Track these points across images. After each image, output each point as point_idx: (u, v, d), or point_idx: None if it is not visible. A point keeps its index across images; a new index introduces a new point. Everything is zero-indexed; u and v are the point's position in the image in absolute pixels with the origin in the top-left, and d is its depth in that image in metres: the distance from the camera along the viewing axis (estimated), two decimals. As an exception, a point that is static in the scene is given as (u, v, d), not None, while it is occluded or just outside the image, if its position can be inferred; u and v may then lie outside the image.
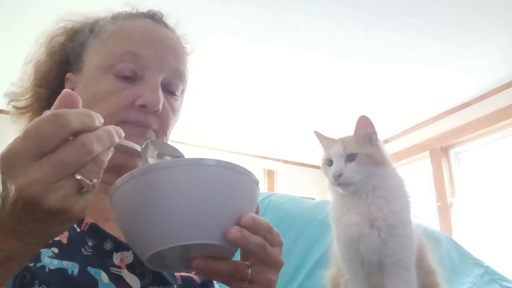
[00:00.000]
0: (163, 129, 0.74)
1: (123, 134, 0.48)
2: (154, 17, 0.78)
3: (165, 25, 0.78)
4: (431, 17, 2.09)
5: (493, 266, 1.27)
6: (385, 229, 0.69)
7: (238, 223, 0.50)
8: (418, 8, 2.03)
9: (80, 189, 0.41)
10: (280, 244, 0.56)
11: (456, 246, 1.32)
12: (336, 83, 2.70)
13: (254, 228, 0.50)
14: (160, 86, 0.71)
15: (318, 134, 0.81)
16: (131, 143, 0.57)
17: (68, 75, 0.77)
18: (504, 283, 1.20)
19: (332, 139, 0.78)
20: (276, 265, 0.55)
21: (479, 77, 2.60)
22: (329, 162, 0.77)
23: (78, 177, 0.40)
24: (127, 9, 0.80)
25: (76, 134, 0.41)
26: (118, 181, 0.50)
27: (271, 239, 0.54)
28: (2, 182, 0.40)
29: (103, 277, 0.60)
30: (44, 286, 0.55)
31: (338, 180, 0.73)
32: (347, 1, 2.00)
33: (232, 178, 0.51)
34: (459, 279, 1.18)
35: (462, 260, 1.26)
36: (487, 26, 2.15)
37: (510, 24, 2.13)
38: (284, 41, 2.29)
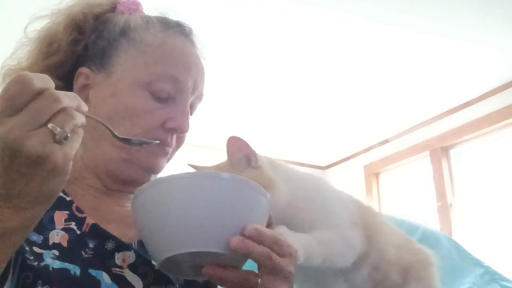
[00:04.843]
0: (178, 147, 0.76)
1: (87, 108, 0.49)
2: (184, 33, 0.76)
3: (193, 42, 0.77)
4: (431, 17, 2.09)
5: (493, 266, 1.27)
6: None
7: (241, 233, 0.52)
8: (418, 7, 2.03)
9: (56, 138, 0.44)
10: (290, 255, 0.57)
11: (456, 246, 1.32)
12: (336, 83, 2.71)
13: (258, 238, 0.53)
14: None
15: (192, 166, 0.74)
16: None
17: (84, 69, 0.72)
18: (504, 283, 1.20)
19: (205, 168, 0.71)
20: (285, 276, 0.55)
21: (479, 77, 2.60)
22: None
23: (50, 125, 0.43)
24: (156, 13, 0.76)
25: (41, 93, 0.44)
26: (144, 186, 0.54)
27: (279, 249, 0.55)
28: None
29: (105, 277, 0.61)
30: (47, 286, 0.55)
31: None
32: (347, 1, 2.01)
33: (241, 192, 0.55)
34: (459, 279, 1.18)
35: (462, 260, 1.26)
36: (487, 26, 2.15)
37: (510, 24, 2.14)
38: (282, 41, 2.30)
